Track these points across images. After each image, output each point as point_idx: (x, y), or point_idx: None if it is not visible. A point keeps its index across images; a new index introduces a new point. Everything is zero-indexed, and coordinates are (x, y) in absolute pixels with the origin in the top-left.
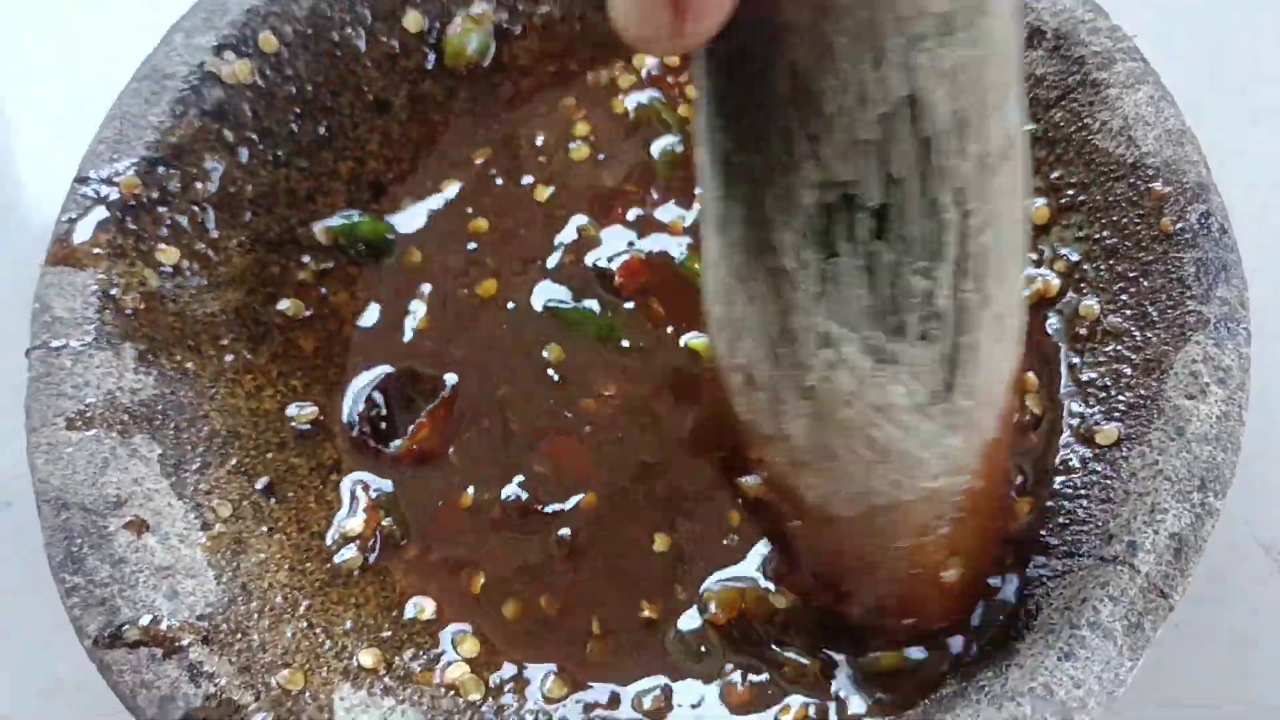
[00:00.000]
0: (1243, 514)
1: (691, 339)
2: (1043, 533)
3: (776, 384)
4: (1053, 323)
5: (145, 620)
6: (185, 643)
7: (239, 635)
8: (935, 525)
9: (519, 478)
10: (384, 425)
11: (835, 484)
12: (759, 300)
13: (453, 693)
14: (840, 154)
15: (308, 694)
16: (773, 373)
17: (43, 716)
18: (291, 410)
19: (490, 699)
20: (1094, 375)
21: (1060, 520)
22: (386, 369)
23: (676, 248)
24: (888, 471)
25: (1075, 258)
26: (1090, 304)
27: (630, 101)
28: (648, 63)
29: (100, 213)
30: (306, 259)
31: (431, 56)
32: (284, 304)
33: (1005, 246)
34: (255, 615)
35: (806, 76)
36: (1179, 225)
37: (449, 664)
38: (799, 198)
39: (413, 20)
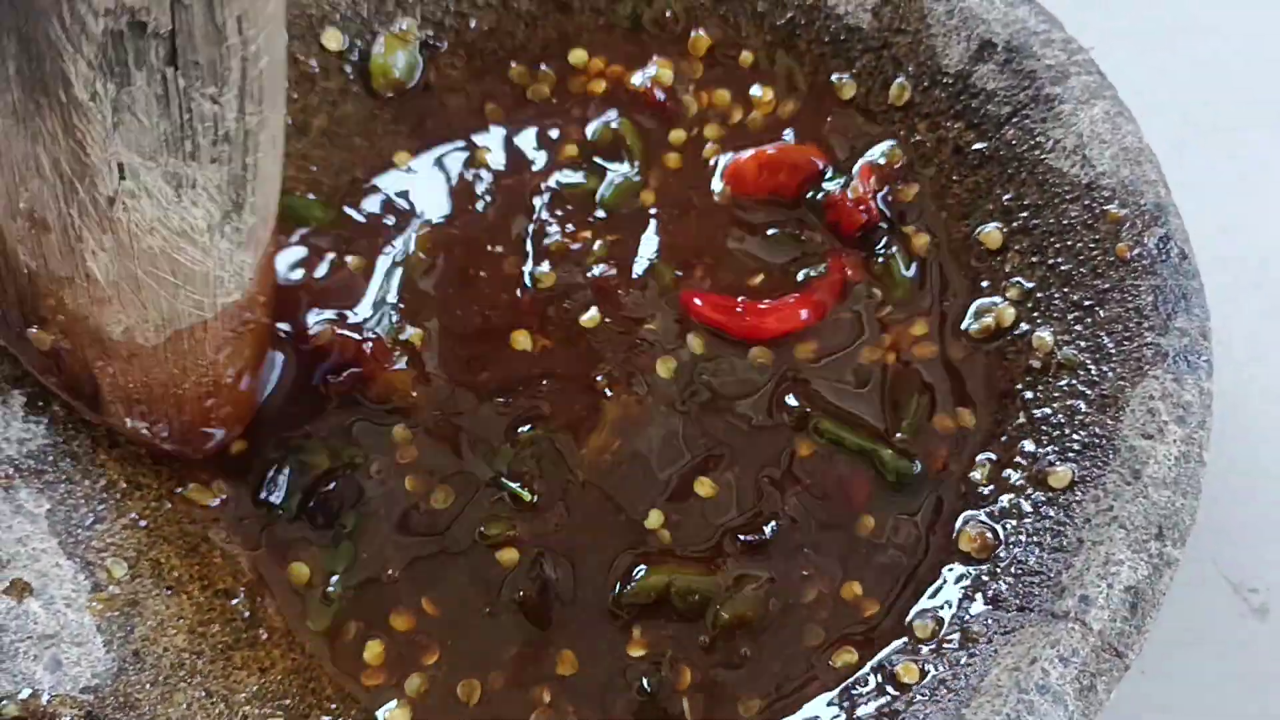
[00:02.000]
0: (1211, 553)
1: None
2: (993, 583)
3: (73, 222)
4: (1007, 355)
5: (24, 694)
6: (67, 719)
7: (126, 709)
8: (230, 339)
9: None
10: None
11: (142, 314)
12: (47, 137)
13: None
14: None
15: None
16: (68, 210)
17: None
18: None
19: None
20: (1048, 411)
21: (1012, 571)
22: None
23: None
24: (191, 293)
25: (1029, 285)
26: (1044, 335)
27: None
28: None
29: None
30: None
31: (354, 76)
32: None
33: (278, 72)
34: (146, 685)
35: None
36: (1136, 250)
37: None
38: (89, 25)
39: (332, 38)
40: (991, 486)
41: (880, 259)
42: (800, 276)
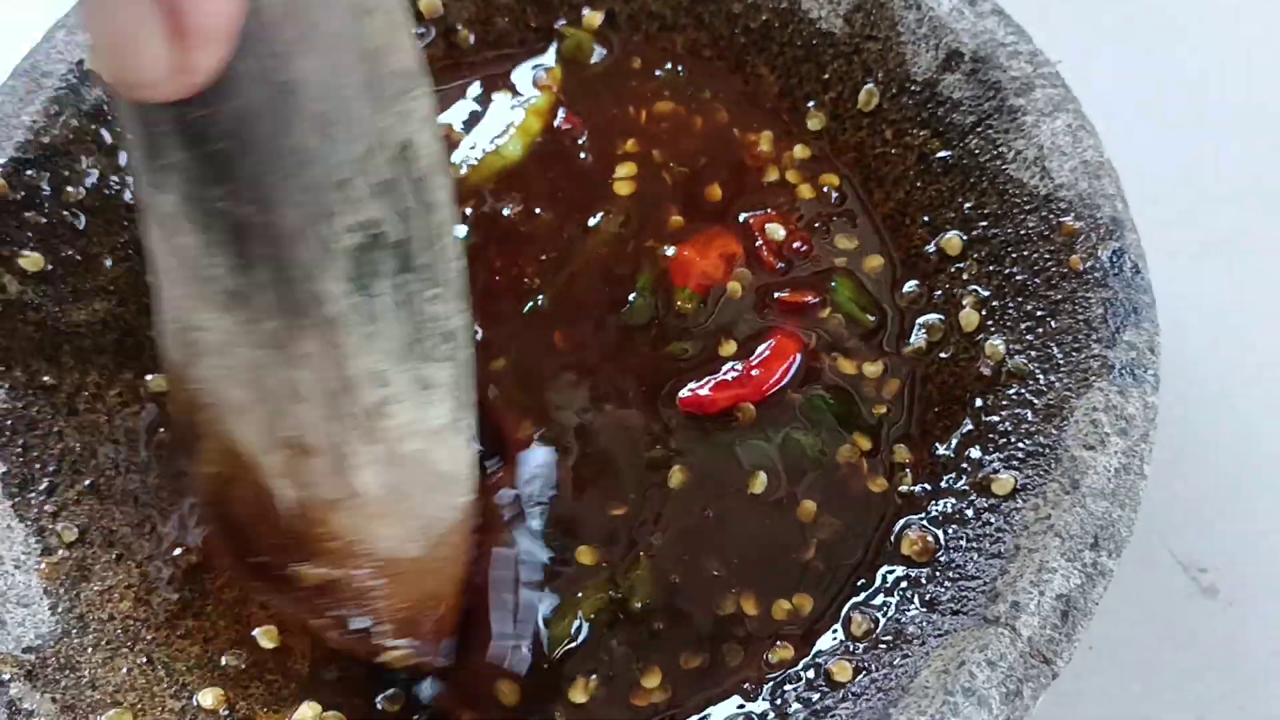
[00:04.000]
0: (1161, 533)
1: None
2: (931, 586)
3: (339, 440)
4: (959, 361)
5: None
6: (6, 676)
7: (67, 670)
8: (463, 539)
9: None
10: None
11: (405, 524)
12: (306, 358)
13: None
14: (366, 197)
15: None
16: (333, 429)
17: None
18: (163, 432)
19: None
20: (996, 419)
21: (949, 575)
22: None
23: None
24: (442, 496)
25: (985, 293)
26: (996, 344)
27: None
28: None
29: None
30: None
31: None
32: None
33: (464, 277)
34: (89, 649)
35: (331, 127)
36: (1089, 263)
37: (299, 703)
38: (338, 243)
39: None
40: (935, 491)
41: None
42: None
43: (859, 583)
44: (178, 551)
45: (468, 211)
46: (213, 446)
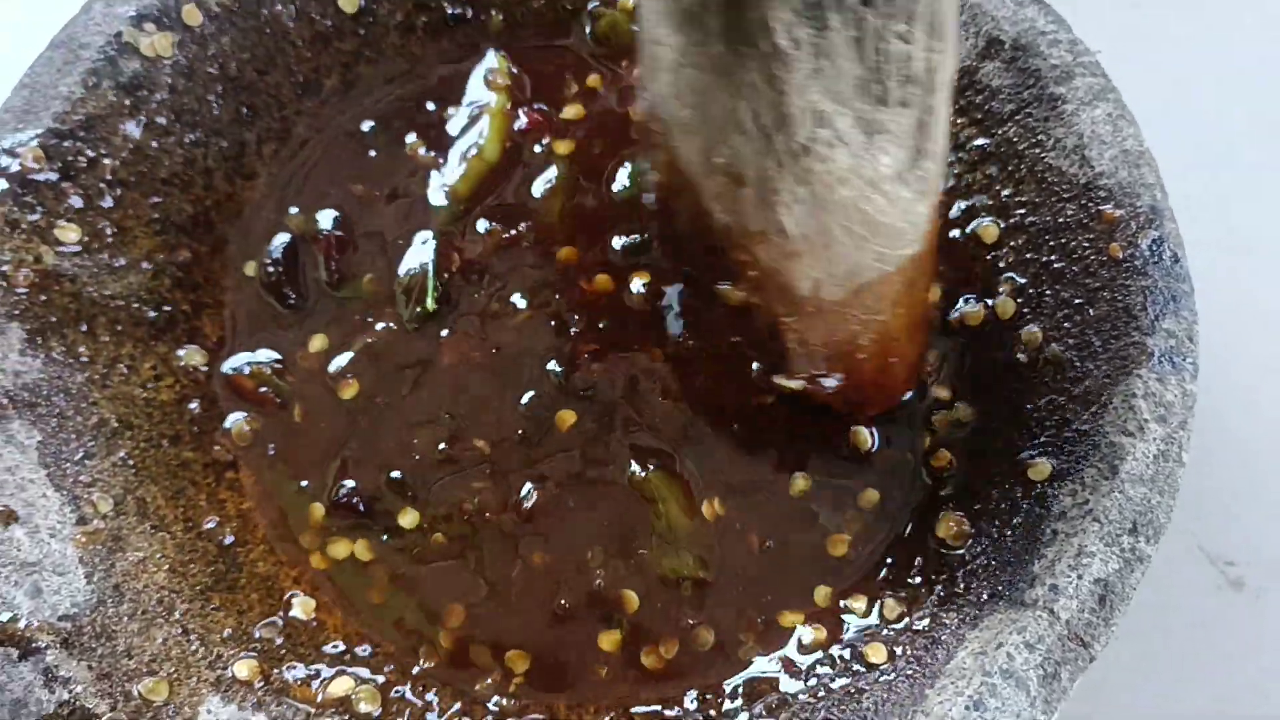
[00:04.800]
0: (1189, 525)
1: None
2: (967, 570)
3: (770, 175)
4: (996, 348)
5: (3, 618)
6: (43, 644)
7: (103, 639)
8: (904, 295)
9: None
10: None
11: (829, 268)
12: (748, 89)
13: (335, 708)
14: None
15: (171, 706)
16: (765, 163)
17: None
18: (194, 406)
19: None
20: (1033, 406)
21: (984, 560)
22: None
23: None
24: (875, 245)
25: (1022, 281)
26: (1033, 330)
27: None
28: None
29: None
30: None
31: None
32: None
33: (954, 5)
34: (125, 618)
35: None
36: (1129, 251)
37: (333, 677)
38: None
39: (349, 0)
40: (974, 477)
41: None
42: None
43: (893, 565)
44: (211, 524)
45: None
46: (662, 159)
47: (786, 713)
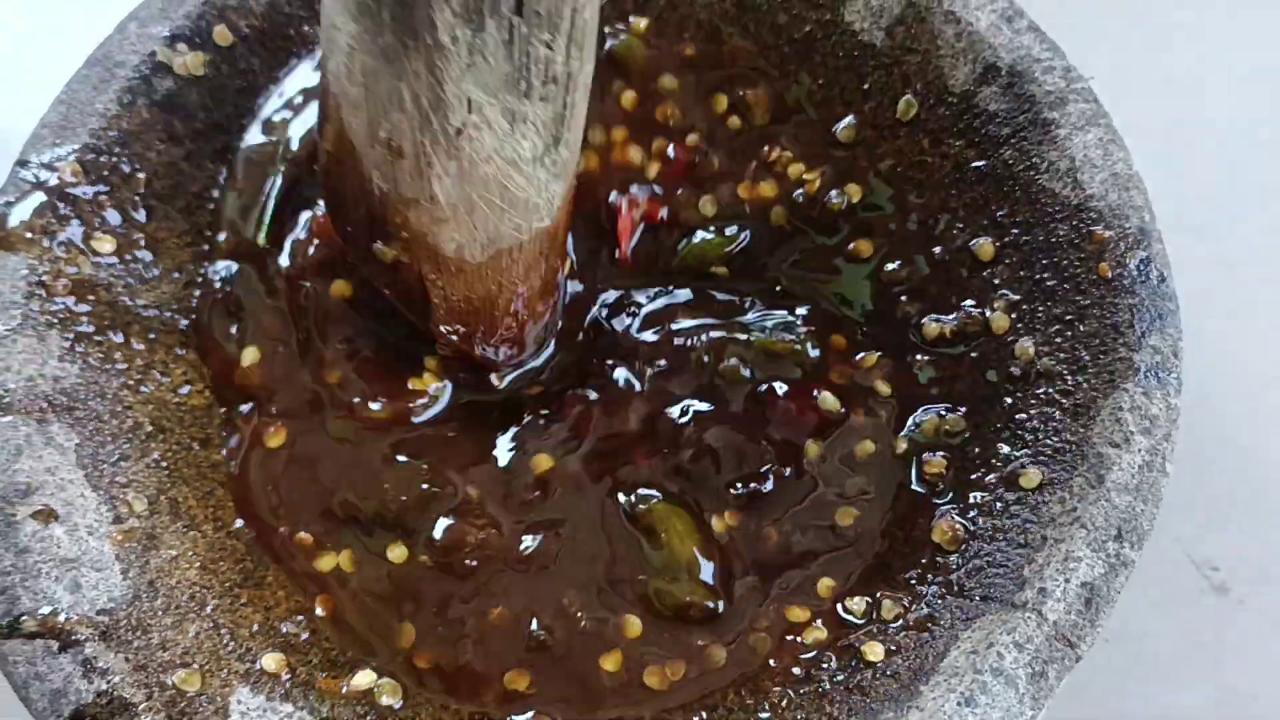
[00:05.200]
0: (1175, 531)
1: None
2: (960, 573)
3: (425, 149)
4: (991, 362)
5: (44, 611)
6: (82, 637)
7: (139, 632)
8: (538, 261)
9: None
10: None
11: (472, 234)
12: (411, 75)
13: (359, 701)
14: None
15: (204, 696)
16: (421, 139)
17: None
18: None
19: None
20: (1025, 417)
21: (977, 563)
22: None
23: None
24: (514, 217)
25: (1015, 297)
26: (1026, 345)
27: None
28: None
29: (38, 197)
30: None
31: None
32: None
33: (594, 22)
34: (159, 612)
35: None
36: (1118, 271)
37: (356, 671)
38: None
39: None
40: (966, 484)
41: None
42: None
43: (891, 568)
44: (239, 524)
45: None
46: (331, 130)
47: (788, 709)
